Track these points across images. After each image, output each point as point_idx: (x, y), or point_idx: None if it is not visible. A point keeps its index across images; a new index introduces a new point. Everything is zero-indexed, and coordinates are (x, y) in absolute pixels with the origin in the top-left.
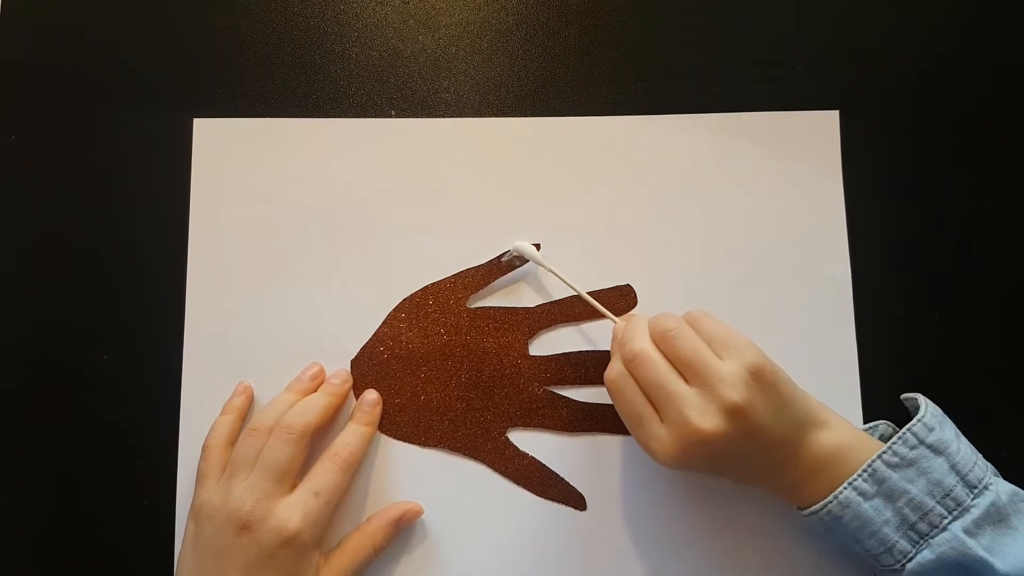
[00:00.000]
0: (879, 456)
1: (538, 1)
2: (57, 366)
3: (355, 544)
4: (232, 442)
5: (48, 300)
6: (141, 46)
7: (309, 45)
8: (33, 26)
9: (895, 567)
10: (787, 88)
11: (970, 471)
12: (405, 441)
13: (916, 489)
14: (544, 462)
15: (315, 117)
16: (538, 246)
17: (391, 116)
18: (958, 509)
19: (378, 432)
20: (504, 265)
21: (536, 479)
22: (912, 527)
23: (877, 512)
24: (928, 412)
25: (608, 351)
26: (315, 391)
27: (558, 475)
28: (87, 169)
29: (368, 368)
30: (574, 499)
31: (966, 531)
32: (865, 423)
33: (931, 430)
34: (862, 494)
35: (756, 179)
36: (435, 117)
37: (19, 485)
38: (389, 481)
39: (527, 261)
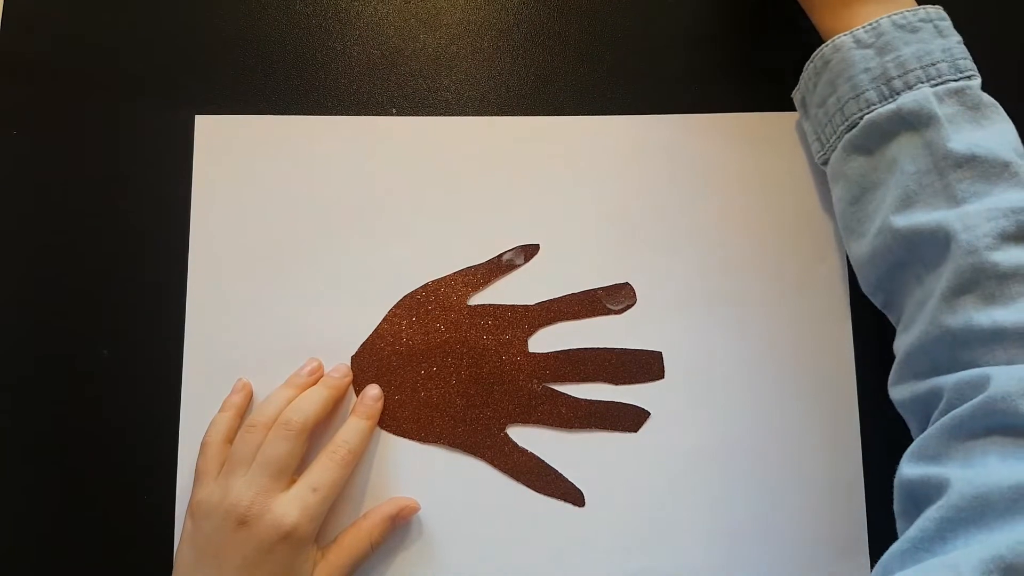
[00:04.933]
0: (890, 15)
1: (539, 1)
2: (56, 362)
3: (352, 539)
4: (230, 439)
5: (48, 296)
6: (142, 43)
7: (311, 43)
8: (35, 23)
9: (856, 115)
10: (785, 89)
11: (961, 59)
12: (404, 437)
13: (907, 51)
14: (543, 458)
15: (316, 115)
16: (537, 246)
17: (392, 114)
18: (938, 79)
19: (377, 428)
20: (504, 264)
21: (535, 475)
22: (888, 83)
23: (863, 60)
24: (947, 22)
25: (607, 348)
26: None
27: (557, 471)
28: (88, 166)
29: (368, 364)
30: (573, 495)
31: (936, 96)
32: (862, 420)
33: (945, 21)
34: (857, 41)
35: (754, 179)
36: (436, 115)
37: (17, 482)
38: (388, 477)
39: (527, 261)
